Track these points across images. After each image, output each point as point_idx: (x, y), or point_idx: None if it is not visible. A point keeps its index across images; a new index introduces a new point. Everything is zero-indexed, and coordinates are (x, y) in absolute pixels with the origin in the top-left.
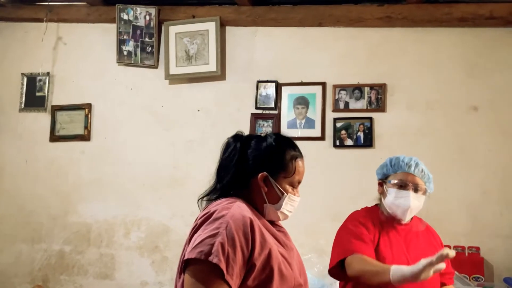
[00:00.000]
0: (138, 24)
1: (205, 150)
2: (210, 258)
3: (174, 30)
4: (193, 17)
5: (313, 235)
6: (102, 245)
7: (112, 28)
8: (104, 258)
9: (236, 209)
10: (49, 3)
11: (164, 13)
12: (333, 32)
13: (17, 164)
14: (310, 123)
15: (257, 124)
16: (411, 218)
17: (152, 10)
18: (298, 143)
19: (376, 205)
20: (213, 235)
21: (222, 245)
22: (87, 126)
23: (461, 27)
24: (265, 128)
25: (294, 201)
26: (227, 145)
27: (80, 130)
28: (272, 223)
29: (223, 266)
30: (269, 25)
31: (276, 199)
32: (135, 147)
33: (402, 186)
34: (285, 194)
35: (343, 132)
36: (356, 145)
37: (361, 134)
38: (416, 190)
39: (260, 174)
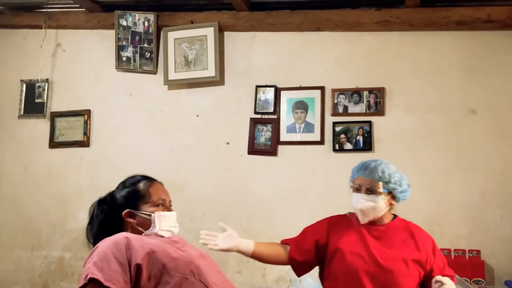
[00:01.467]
0: (137, 30)
1: (204, 155)
2: (88, 277)
3: (172, 35)
4: (192, 22)
5: None
6: None
7: (110, 34)
8: None
9: (110, 237)
10: (48, 10)
11: (162, 19)
12: (331, 37)
13: (16, 171)
14: (309, 127)
15: (256, 129)
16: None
17: (151, 16)
18: (297, 147)
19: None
20: (89, 261)
21: (95, 262)
22: (86, 132)
23: (459, 30)
24: (264, 132)
25: (167, 215)
26: (93, 209)
27: (79, 136)
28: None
29: (98, 276)
30: (268, 30)
31: (149, 223)
32: (134, 152)
33: (357, 189)
34: (152, 214)
35: (342, 136)
36: (356, 149)
37: (360, 138)
38: (368, 191)
39: (123, 213)
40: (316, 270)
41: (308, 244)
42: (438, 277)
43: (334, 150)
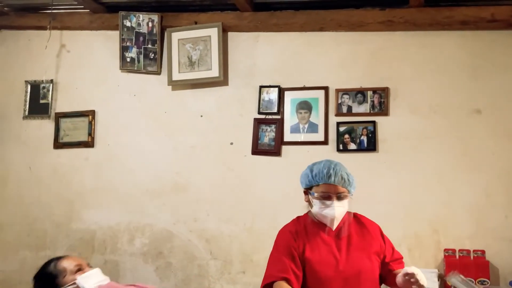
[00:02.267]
0: (141, 31)
1: (208, 156)
2: None
3: (176, 36)
4: (196, 23)
5: None
6: (106, 251)
7: (115, 35)
8: (109, 265)
9: None
10: (52, 11)
11: (166, 20)
12: (335, 37)
13: (21, 171)
14: (313, 128)
15: (260, 129)
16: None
17: (155, 17)
18: (301, 147)
19: (308, 212)
20: None
21: None
22: (90, 132)
23: (463, 30)
24: (268, 133)
25: (90, 274)
26: None
27: (84, 137)
28: None
29: None
30: (271, 31)
31: None
32: (139, 153)
33: (326, 197)
34: (76, 281)
35: (346, 136)
36: (360, 149)
37: (364, 138)
38: (339, 198)
39: None
40: None
41: (297, 265)
42: (406, 269)
43: (338, 150)
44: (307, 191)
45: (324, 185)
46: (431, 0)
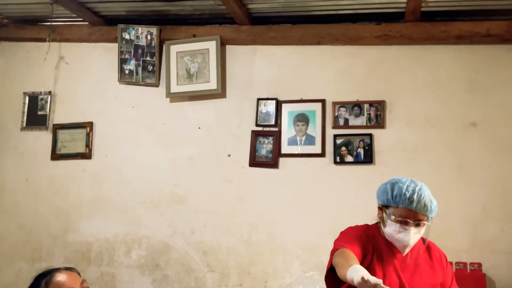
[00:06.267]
0: (139, 43)
1: (205, 167)
2: None
3: (175, 49)
4: (194, 36)
5: (314, 252)
6: (103, 263)
7: (113, 47)
8: (105, 277)
9: None
10: (52, 23)
11: (165, 33)
12: (332, 50)
13: (18, 183)
14: (310, 140)
15: (258, 141)
16: None
17: (154, 30)
18: (298, 159)
19: (377, 223)
20: None
21: None
22: (88, 144)
23: (458, 44)
24: (266, 145)
25: None
26: None
27: (81, 149)
28: None
29: None
30: (269, 44)
31: None
32: (136, 164)
33: (403, 222)
34: None
35: (343, 148)
36: (357, 161)
37: (361, 151)
38: (417, 225)
39: None
40: (318, 284)
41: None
42: None
43: (335, 162)
44: (383, 208)
45: (404, 209)
46: (427, 15)
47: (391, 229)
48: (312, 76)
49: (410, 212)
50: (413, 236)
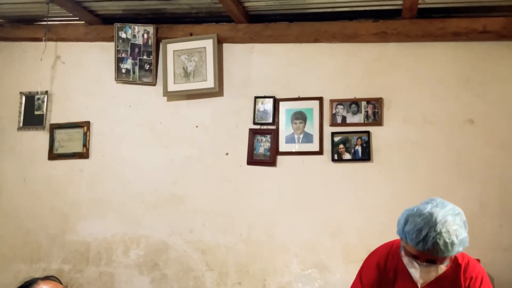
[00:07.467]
0: (136, 42)
1: (204, 167)
2: None
3: (172, 47)
4: (191, 34)
5: (313, 250)
6: (101, 263)
7: (110, 46)
8: (103, 277)
9: None
10: (48, 23)
11: (162, 31)
12: (329, 48)
13: (16, 183)
14: (308, 138)
15: (255, 139)
16: None
17: (150, 29)
18: (296, 157)
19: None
20: None
21: None
22: (85, 144)
23: (455, 41)
24: (264, 143)
25: None
26: None
27: (78, 148)
28: None
29: None
30: (266, 42)
31: None
32: (134, 164)
33: (413, 257)
34: None
35: (341, 146)
36: (354, 159)
37: (359, 148)
38: (432, 262)
39: None
40: (317, 281)
41: None
42: None
43: (333, 160)
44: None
45: (413, 248)
46: (424, 12)
47: (405, 261)
48: (310, 74)
49: (418, 252)
50: (423, 275)
